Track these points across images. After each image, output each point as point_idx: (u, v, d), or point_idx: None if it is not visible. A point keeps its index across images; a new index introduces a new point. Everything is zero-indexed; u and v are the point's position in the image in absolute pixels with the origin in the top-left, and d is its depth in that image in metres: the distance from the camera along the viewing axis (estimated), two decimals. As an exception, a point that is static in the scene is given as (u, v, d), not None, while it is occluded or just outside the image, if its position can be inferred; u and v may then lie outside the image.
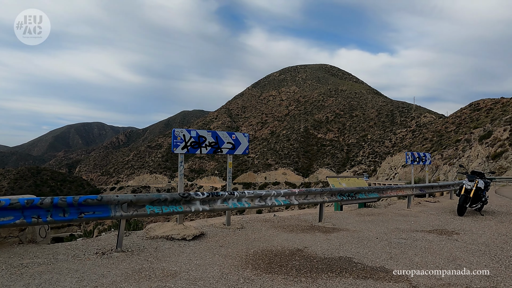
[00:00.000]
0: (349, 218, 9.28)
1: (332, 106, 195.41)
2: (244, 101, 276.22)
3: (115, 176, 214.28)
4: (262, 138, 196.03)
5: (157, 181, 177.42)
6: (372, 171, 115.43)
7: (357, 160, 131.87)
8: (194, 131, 6.94)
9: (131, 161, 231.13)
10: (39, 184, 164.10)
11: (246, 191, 7.00)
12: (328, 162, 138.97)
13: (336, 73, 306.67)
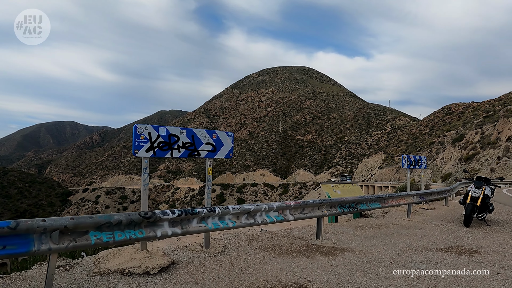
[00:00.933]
0: (349, 233, 8.18)
1: (310, 108, 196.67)
2: (222, 101, 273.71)
3: (88, 177, 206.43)
4: (240, 139, 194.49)
5: (132, 182, 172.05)
6: (348, 172, 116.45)
7: (335, 161, 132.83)
8: (163, 128, 5.46)
9: (105, 162, 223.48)
10: (5, 185, 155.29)
11: (230, 207, 5.46)
12: (306, 163, 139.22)
13: (314, 75, 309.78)
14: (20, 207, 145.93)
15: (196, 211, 4.90)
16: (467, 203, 9.26)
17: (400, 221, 10.02)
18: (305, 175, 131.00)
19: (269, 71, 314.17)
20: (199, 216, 4.94)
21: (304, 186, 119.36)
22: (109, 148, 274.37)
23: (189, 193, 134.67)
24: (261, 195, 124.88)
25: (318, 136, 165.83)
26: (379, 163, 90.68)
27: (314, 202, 6.93)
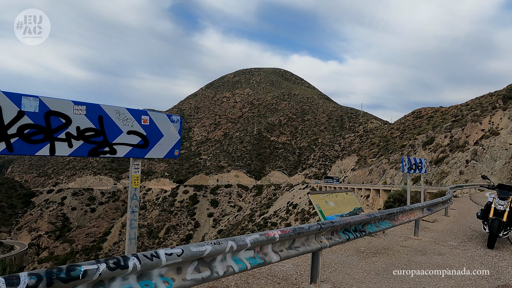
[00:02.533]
0: (352, 265, 6.36)
1: (285, 110, 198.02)
2: (197, 101, 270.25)
3: (54, 178, 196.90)
4: (215, 140, 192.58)
5: (101, 183, 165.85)
6: (322, 174, 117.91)
7: (308, 163, 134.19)
8: (34, 100, 2.92)
9: (73, 161, 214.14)
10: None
11: (163, 252, 3.07)
12: (281, 165, 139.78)
13: (289, 77, 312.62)
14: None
15: (77, 272, 2.49)
16: (490, 219, 7.76)
17: (407, 241, 8.65)
18: (280, 176, 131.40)
19: (245, 72, 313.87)
20: (87, 282, 2.57)
21: (278, 187, 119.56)
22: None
23: (161, 194, 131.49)
24: (235, 196, 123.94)
25: (292, 137, 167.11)
26: (352, 165, 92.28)
27: (311, 229, 4.81)
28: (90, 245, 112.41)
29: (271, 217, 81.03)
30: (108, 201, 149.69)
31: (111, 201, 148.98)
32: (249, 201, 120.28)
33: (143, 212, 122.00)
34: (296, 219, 74.34)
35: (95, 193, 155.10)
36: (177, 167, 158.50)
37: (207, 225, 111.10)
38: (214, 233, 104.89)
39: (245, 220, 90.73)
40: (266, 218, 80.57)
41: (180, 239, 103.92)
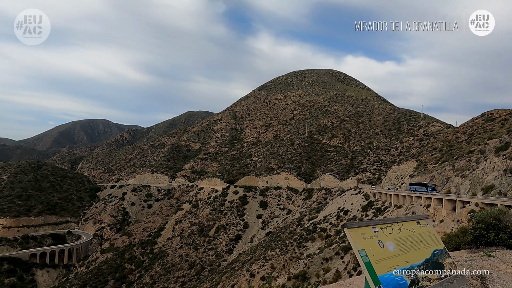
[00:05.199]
0: None
1: (338, 112, 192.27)
2: (249, 103, 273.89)
3: (117, 174, 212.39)
4: (265, 142, 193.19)
5: (158, 180, 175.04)
6: (377, 179, 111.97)
7: (362, 167, 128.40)
8: None
9: (133, 160, 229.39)
10: (39, 179, 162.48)
11: None
12: (332, 168, 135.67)
13: (343, 79, 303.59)
14: (52, 201, 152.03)
15: None
16: None
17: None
18: (331, 180, 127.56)
19: (297, 74, 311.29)
20: None
21: (329, 191, 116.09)
22: (138, 146, 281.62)
23: (212, 194, 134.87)
24: (285, 199, 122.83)
25: (345, 140, 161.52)
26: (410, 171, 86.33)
27: None
28: (146, 239, 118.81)
29: (320, 222, 78.64)
30: (163, 198, 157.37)
31: (166, 198, 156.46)
32: (298, 204, 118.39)
33: (195, 210, 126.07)
34: (347, 225, 71.41)
35: (152, 190, 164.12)
36: (228, 167, 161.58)
37: (255, 227, 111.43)
38: (263, 235, 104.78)
39: (293, 223, 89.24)
40: (315, 223, 78.35)
41: (229, 239, 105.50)
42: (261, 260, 65.95)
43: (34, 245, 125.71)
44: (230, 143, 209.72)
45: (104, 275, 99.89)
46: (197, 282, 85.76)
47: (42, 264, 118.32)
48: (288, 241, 71.09)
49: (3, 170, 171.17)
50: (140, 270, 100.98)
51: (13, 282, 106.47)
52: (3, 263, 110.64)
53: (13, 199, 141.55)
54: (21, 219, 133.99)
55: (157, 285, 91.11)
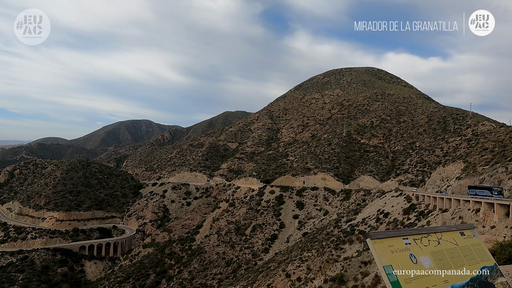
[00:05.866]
0: None
1: (378, 111, 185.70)
2: (286, 103, 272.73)
3: (158, 172, 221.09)
4: (302, 141, 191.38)
5: (196, 179, 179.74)
6: (419, 181, 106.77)
7: (403, 168, 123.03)
8: None
9: (173, 158, 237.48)
10: (88, 176, 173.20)
11: None
12: (371, 169, 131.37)
13: (383, 76, 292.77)
14: (99, 196, 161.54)
15: None
16: None
17: None
18: (370, 181, 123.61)
19: (335, 72, 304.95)
20: None
21: (368, 193, 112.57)
22: (178, 145, 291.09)
23: (248, 193, 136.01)
24: (322, 199, 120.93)
25: (385, 140, 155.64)
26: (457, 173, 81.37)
27: None
28: (185, 236, 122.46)
29: (358, 224, 76.47)
30: (202, 196, 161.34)
31: (204, 196, 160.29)
32: (335, 206, 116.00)
33: (231, 209, 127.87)
34: (388, 229, 68.68)
35: (190, 188, 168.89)
36: (265, 167, 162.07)
37: (292, 227, 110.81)
38: (299, 235, 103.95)
39: (330, 225, 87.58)
40: (353, 225, 76.32)
41: (265, 238, 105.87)
42: (297, 260, 65.49)
43: (83, 238, 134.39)
44: (266, 143, 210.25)
45: (146, 269, 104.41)
46: (233, 279, 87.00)
47: (90, 256, 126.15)
48: (325, 242, 69.92)
49: (57, 167, 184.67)
50: (179, 265, 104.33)
51: (64, 272, 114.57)
52: (56, 254, 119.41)
53: (65, 194, 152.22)
54: (72, 213, 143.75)
55: (195, 280, 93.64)
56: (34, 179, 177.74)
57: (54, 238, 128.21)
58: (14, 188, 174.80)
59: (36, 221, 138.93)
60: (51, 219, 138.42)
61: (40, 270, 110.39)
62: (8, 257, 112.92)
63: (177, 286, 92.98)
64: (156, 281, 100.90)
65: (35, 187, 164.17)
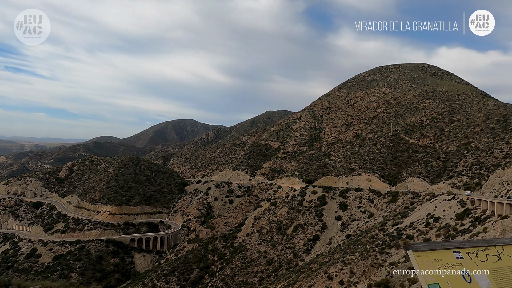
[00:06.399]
0: None
1: (428, 109, 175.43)
2: (329, 102, 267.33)
3: (202, 170, 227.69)
4: (346, 141, 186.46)
5: (239, 177, 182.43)
6: (475, 185, 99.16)
7: (457, 170, 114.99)
8: None
9: (217, 157, 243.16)
10: (137, 172, 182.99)
11: None
12: (421, 170, 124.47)
13: (434, 73, 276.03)
14: (147, 192, 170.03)
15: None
16: None
17: None
18: (419, 183, 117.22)
19: (381, 69, 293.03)
20: None
21: (416, 196, 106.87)
22: (221, 144, 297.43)
23: (290, 193, 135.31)
24: (366, 201, 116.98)
25: (436, 140, 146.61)
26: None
27: None
28: (227, 233, 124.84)
29: (406, 228, 72.80)
30: (244, 194, 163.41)
31: (246, 195, 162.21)
32: (381, 208, 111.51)
33: (273, 208, 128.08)
34: (438, 234, 64.64)
35: (233, 186, 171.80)
36: (307, 167, 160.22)
37: (334, 228, 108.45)
38: (342, 237, 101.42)
39: (375, 228, 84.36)
40: (400, 229, 72.79)
41: (307, 239, 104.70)
42: (339, 263, 63.97)
43: (133, 231, 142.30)
44: (309, 142, 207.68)
45: (190, 264, 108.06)
46: (274, 279, 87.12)
47: (139, 248, 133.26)
48: (369, 246, 67.53)
49: (110, 164, 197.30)
50: (221, 262, 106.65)
51: (116, 262, 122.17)
52: (109, 245, 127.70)
53: (117, 190, 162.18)
54: (123, 208, 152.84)
55: (237, 277, 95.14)
56: (90, 175, 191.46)
57: (107, 230, 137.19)
58: (73, 183, 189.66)
59: (91, 214, 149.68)
60: (104, 212, 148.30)
61: (95, 259, 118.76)
62: (67, 246, 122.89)
63: (220, 282, 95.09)
64: (200, 276, 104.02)
65: (91, 182, 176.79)
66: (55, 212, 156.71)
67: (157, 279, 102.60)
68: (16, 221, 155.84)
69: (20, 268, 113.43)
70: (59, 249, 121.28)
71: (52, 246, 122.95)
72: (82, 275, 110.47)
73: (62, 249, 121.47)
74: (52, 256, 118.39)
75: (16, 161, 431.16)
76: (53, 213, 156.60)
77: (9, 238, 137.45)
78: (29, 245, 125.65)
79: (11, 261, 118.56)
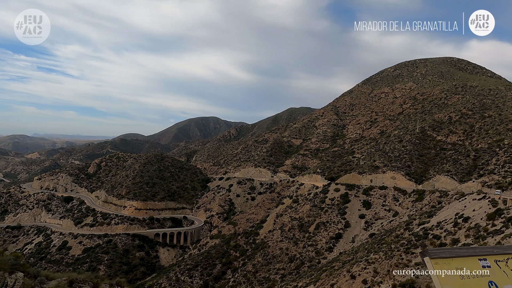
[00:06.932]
0: None
1: (458, 105, 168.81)
2: (352, 98, 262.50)
3: (225, 167, 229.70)
4: (370, 138, 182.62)
5: (260, 174, 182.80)
6: (508, 184, 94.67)
7: (488, 169, 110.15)
8: None
9: (239, 154, 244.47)
10: (162, 169, 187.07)
11: None
12: (449, 168, 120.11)
13: (464, 67, 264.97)
14: (171, 188, 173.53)
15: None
16: None
17: None
18: (447, 182, 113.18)
19: (407, 64, 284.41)
20: None
21: (444, 194, 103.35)
22: (243, 141, 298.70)
23: (312, 190, 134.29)
24: (391, 199, 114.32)
25: (466, 137, 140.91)
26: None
27: None
28: (249, 230, 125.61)
29: (433, 228, 70.54)
30: (266, 191, 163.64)
31: (268, 192, 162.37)
32: (406, 207, 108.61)
33: (295, 205, 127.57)
34: (467, 235, 62.23)
35: (255, 183, 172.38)
36: (329, 164, 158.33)
37: (357, 227, 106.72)
38: (366, 236, 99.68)
39: (400, 227, 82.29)
40: (427, 229, 70.61)
41: (329, 237, 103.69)
42: (363, 262, 62.95)
43: (157, 226, 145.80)
44: (331, 139, 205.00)
45: (212, 259, 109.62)
46: (296, 276, 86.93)
47: (164, 243, 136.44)
48: (394, 245, 66.02)
49: (136, 160, 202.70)
50: (243, 258, 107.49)
51: (142, 256, 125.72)
52: (135, 239, 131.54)
53: (142, 186, 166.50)
54: (148, 203, 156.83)
55: (259, 274, 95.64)
56: (117, 171, 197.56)
57: (133, 225, 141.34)
58: (101, 178, 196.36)
59: (118, 208, 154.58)
60: (130, 207, 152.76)
61: (122, 253, 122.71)
62: (96, 239, 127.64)
63: (242, 278, 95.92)
64: (222, 271, 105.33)
65: (117, 178, 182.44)
66: (84, 206, 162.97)
67: (180, 273, 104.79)
68: (48, 214, 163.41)
69: (53, 260, 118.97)
70: (88, 242, 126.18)
71: (82, 239, 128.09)
72: (109, 267, 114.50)
73: (91, 242, 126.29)
74: (81, 249, 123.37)
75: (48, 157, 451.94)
76: (82, 207, 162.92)
77: (42, 231, 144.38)
78: (60, 238, 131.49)
79: (44, 253, 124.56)
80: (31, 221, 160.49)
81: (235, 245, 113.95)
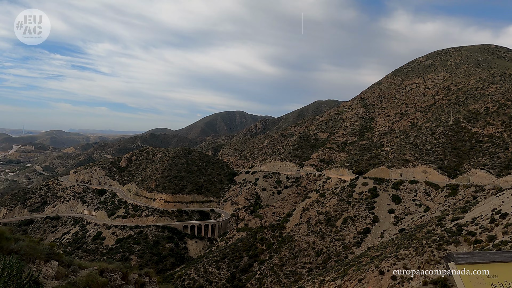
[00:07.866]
0: None
1: (495, 95, 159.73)
2: (381, 90, 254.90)
3: (251, 161, 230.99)
4: (400, 131, 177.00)
5: (286, 168, 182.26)
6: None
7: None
8: None
9: (265, 148, 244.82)
10: (189, 163, 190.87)
11: None
12: (485, 162, 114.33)
13: (503, 54, 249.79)
14: (199, 182, 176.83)
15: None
16: None
17: None
18: (483, 176, 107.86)
19: (440, 53, 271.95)
20: None
21: (480, 189, 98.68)
22: (269, 135, 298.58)
23: (339, 184, 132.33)
24: (422, 194, 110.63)
25: (504, 129, 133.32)
26: None
27: None
28: (275, 223, 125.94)
29: (467, 224, 67.57)
30: (292, 185, 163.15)
31: (294, 185, 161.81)
32: (438, 202, 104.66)
33: (322, 199, 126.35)
34: (505, 232, 59.14)
35: (281, 177, 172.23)
36: (357, 157, 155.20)
37: (387, 222, 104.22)
38: (395, 231, 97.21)
39: (432, 222, 79.48)
40: (461, 225, 67.74)
41: (357, 231, 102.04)
42: (392, 258, 61.50)
43: (186, 218, 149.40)
44: (359, 132, 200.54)
45: (239, 252, 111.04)
46: (323, 270, 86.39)
47: (192, 235, 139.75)
48: (425, 241, 63.93)
49: (164, 154, 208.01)
50: (270, 251, 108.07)
51: (171, 247, 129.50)
52: (164, 231, 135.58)
53: (171, 179, 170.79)
54: (177, 196, 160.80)
55: (285, 267, 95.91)
56: (147, 165, 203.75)
57: (162, 217, 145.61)
58: (132, 172, 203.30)
59: (148, 201, 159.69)
60: (160, 200, 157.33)
61: (152, 244, 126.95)
62: (128, 230, 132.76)
63: (268, 270, 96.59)
64: (249, 264, 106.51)
65: (147, 171, 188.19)
66: (117, 199, 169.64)
67: (208, 265, 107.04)
68: (84, 206, 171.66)
69: (88, 249, 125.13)
70: (121, 233, 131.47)
71: (115, 230, 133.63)
72: (141, 257, 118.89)
73: (123, 233, 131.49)
74: (115, 239, 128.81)
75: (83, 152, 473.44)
76: (115, 199, 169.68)
77: (78, 221, 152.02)
78: (95, 228, 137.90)
79: (80, 242, 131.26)
80: (68, 212, 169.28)
81: (262, 238, 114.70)
